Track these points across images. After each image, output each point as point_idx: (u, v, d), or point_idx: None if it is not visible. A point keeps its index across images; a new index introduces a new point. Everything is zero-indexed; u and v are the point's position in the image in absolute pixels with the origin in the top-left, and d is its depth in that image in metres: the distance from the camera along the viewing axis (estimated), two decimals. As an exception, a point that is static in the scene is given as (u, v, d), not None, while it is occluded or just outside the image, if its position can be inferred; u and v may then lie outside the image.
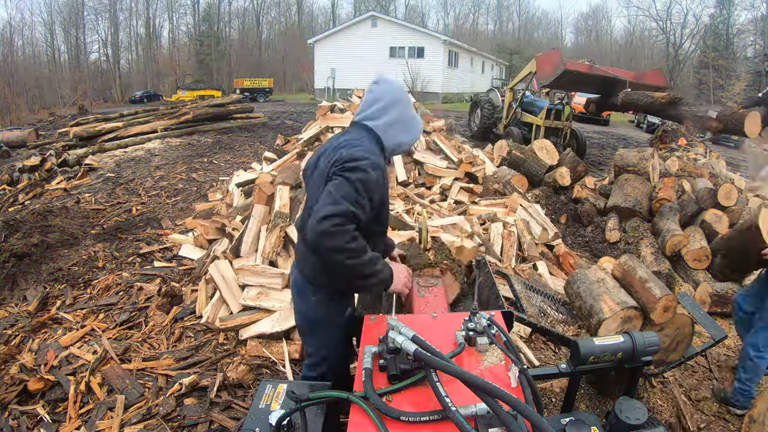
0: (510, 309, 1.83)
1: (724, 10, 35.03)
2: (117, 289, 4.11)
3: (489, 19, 56.20)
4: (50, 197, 7.09)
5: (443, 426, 1.14)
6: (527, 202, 5.18)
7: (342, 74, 26.75)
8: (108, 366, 2.94)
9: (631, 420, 1.42)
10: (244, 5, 49.26)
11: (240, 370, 2.77)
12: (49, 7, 42.44)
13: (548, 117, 8.86)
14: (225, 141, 10.88)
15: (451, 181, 5.43)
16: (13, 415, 2.63)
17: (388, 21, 27.66)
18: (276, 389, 1.49)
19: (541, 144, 6.47)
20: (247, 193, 5.41)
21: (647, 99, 6.62)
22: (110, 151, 9.56)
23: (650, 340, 1.72)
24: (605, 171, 8.42)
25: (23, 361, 3.06)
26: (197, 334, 3.34)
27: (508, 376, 1.34)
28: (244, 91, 27.71)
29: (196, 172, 8.17)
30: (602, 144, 12.76)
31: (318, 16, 52.96)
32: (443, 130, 6.87)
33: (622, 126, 19.17)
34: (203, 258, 4.39)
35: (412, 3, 53.19)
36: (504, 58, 36.95)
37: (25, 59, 39.43)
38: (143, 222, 5.82)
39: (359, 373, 1.31)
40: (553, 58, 8.29)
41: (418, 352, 1.23)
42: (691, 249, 4.20)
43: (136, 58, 46.36)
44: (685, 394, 2.94)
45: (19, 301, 4.05)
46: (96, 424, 2.51)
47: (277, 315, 3.22)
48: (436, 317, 1.66)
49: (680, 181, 5.19)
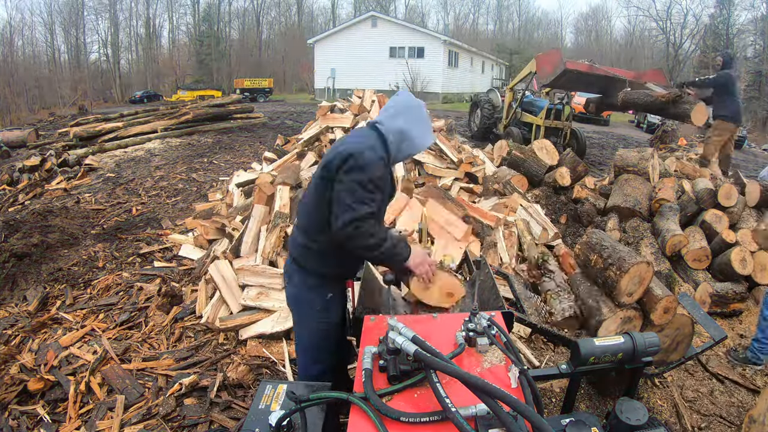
0: (510, 309, 1.82)
1: (724, 10, 35.01)
2: (117, 289, 4.11)
3: (489, 19, 56.23)
4: (50, 197, 7.09)
5: (443, 427, 1.14)
6: (527, 202, 5.18)
7: (342, 74, 26.74)
8: (108, 366, 2.94)
9: (631, 420, 1.42)
10: (244, 5, 49.28)
11: (240, 370, 2.77)
12: (49, 7, 42.45)
13: (548, 117, 8.85)
14: (225, 141, 10.88)
15: (451, 181, 5.43)
16: (13, 415, 2.63)
17: (388, 21, 27.65)
18: (276, 389, 1.49)
19: (541, 144, 6.46)
20: (247, 193, 5.41)
21: (647, 98, 6.61)
22: (110, 151, 9.56)
23: (650, 340, 1.72)
24: (605, 171, 8.41)
25: (23, 361, 3.06)
26: (197, 334, 3.34)
27: (508, 376, 1.34)
28: (244, 91, 27.68)
29: (196, 172, 8.17)
30: (602, 144, 12.75)
31: (318, 16, 52.99)
32: (443, 130, 6.86)
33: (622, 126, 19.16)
34: (203, 258, 4.39)
35: (412, 3, 53.23)
36: (504, 58, 36.94)
37: (25, 59, 39.40)
38: (143, 222, 5.82)
39: (359, 373, 1.31)
40: (553, 57, 8.28)
41: (418, 352, 1.23)
42: (691, 249, 4.20)
43: (136, 58, 46.36)
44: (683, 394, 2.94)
45: (19, 301, 4.05)
46: (96, 424, 2.51)
47: (277, 315, 3.22)
48: (436, 318, 1.66)
49: (680, 182, 5.19)
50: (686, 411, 2.76)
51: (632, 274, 2.68)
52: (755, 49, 33.66)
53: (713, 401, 2.90)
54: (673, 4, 40.10)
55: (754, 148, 17.49)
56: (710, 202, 4.79)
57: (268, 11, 50.32)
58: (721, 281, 4.17)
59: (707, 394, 2.96)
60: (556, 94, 9.55)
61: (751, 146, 17.66)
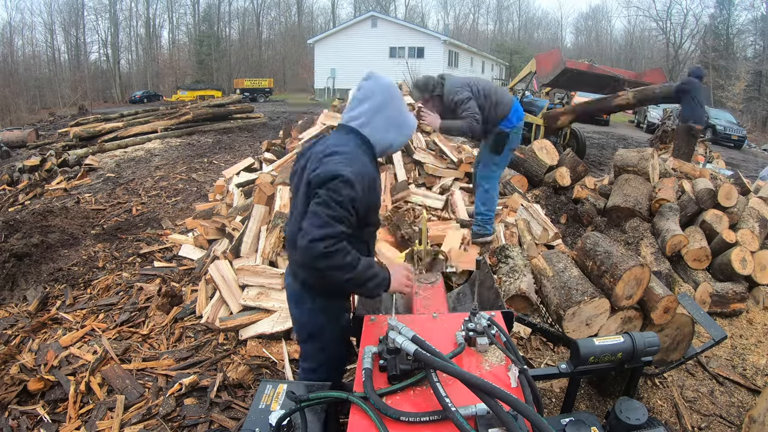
0: (510, 309, 1.83)
1: (724, 10, 35.00)
2: (117, 289, 4.11)
3: (489, 20, 56.29)
4: (50, 197, 7.09)
5: (443, 426, 1.14)
6: (527, 202, 5.18)
7: (342, 74, 26.75)
8: (108, 366, 2.94)
9: (631, 420, 1.42)
10: (244, 5, 49.27)
11: (240, 370, 2.77)
12: (49, 7, 42.42)
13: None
14: (225, 141, 10.89)
15: (451, 181, 5.43)
16: (13, 415, 2.63)
17: (388, 21, 27.68)
18: (276, 389, 1.49)
19: (541, 144, 6.46)
20: (247, 193, 5.41)
21: (649, 91, 6.92)
22: (110, 151, 9.57)
23: (650, 340, 1.72)
24: (605, 171, 8.42)
25: (23, 361, 3.06)
26: (197, 334, 3.34)
27: (508, 376, 1.34)
28: (244, 91, 27.69)
29: (196, 172, 8.17)
30: (602, 144, 12.75)
31: (318, 16, 53.00)
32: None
33: (622, 126, 19.18)
34: (203, 258, 4.39)
35: (412, 3, 53.22)
36: (504, 58, 36.97)
37: (25, 59, 39.41)
38: (143, 222, 5.82)
39: (359, 373, 1.31)
40: (553, 56, 8.29)
41: (418, 352, 1.23)
42: (691, 249, 4.20)
43: (136, 58, 46.38)
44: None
45: (19, 301, 4.05)
46: (96, 424, 2.51)
47: (277, 315, 3.22)
48: (437, 317, 1.66)
49: (680, 182, 5.19)
50: (686, 411, 2.76)
51: (626, 280, 2.63)
52: (755, 49, 33.66)
53: (713, 401, 2.90)
54: (673, 4, 40.18)
55: (754, 148, 17.49)
56: (710, 202, 4.79)
57: (268, 11, 50.37)
58: (722, 281, 4.17)
59: (707, 394, 2.96)
60: (556, 94, 9.55)
61: (751, 146, 17.66)
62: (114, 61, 43.00)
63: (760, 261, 4.18)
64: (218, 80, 40.54)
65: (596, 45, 47.59)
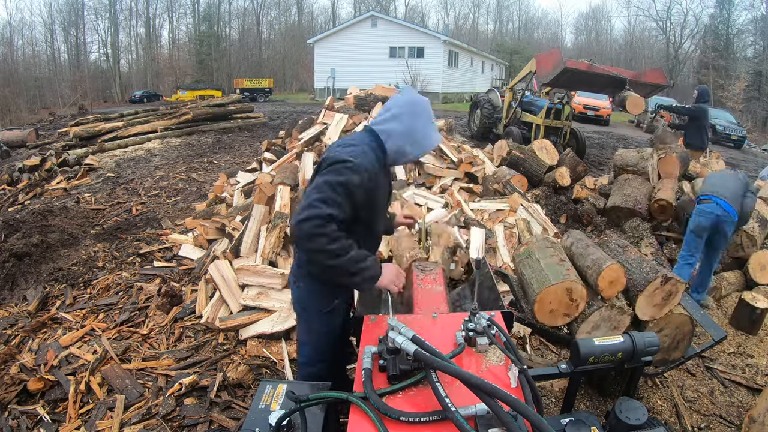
0: (510, 309, 1.83)
1: (724, 10, 34.98)
2: (117, 289, 4.11)
3: (489, 19, 56.24)
4: (50, 197, 7.09)
5: (443, 426, 1.14)
6: (527, 201, 5.19)
7: (342, 74, 26.71)
8: (108, 366, 2.94)
9: (631, 420, 1.42)
10: (244, 5, 49.23)
11: (240, 370, 2.77)
12: (49, 7, 42.50)
13: (548, 116, 8.85)
14: (225, 141, 10.89)
15: (451, 181, 5.44)
16: (13, 415, 2.63)
17: (388, 21, 27.63)
18: (276, 389, 1.49)
19: (541, 144, 6.47)
20: (247, 193, 5.41)
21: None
22: (110, 151, 9.56)
23: (650, 340, 1.72)
24: (605, 171, 8.41)
25: (23, 361, 3.06)
26: (197, 334, 3.34)
27: (507, 376, 1.34)
28: (244, 91, 27.66)
29: (196, 172, 8.17)
30: (602, 144, 12.75)
31: (318, 16, 52.97)
32: (443, 130, 6.86)
33: (622, 126, 19.15)
34: (203, 258, 4.39)
35: (412, 3, 53.24)
36: (504, 58, 36.96)
37: (25, 59, 39.38)
38: (143, 222, 5.82)
39: (359, 373, 1.31)
40: (553, 56, 8.28)
41: (417, 352, 1.23)
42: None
43: (136, 58, 46.33)
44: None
45: (19, 301, 4.05)
46: (96, 424, 2.51)
47: (277, 315, 3.22)
48: (436, 317, 1.66)
49: (680, 182, 5.19)
50: (686, 411, 2.76)
51: (602, 286, 2.41)
52: (755, 49, 33.63)
53: (713, 401, 2.90)
54: (673, 4, 40.16)
55: (754, 148, 17.48)
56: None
57: (268, 11, 50.33)
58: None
59: (707, 394, 2.96)
60: (556, 94, 9.54)
61: (751, 146, 17.65)
62: (114, 61, 42.98)
63: (760, 261, 4.18)
64: (218, 80, 40.50)
65: (596, 45, 47.57)
